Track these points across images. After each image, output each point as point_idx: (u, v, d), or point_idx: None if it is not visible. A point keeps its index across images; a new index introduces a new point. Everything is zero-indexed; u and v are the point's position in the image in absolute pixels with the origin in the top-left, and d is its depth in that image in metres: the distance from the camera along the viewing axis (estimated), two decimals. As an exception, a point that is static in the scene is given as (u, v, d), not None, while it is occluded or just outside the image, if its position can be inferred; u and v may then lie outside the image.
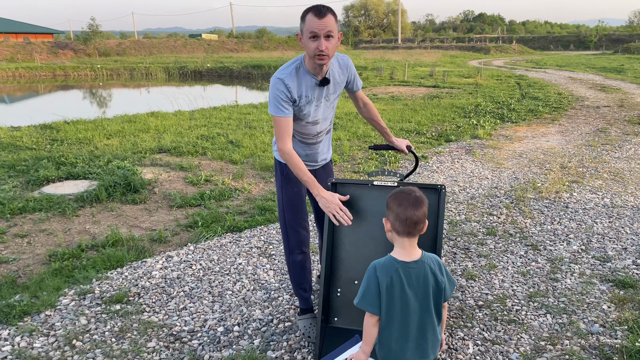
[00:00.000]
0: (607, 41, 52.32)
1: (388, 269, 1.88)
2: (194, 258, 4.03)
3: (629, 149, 7.70)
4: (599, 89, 16.18)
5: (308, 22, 2.40)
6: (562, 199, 5.38)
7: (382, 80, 19.64)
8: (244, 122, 10.40)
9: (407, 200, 1.90)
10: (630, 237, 4.32)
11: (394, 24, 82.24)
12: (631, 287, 3.42)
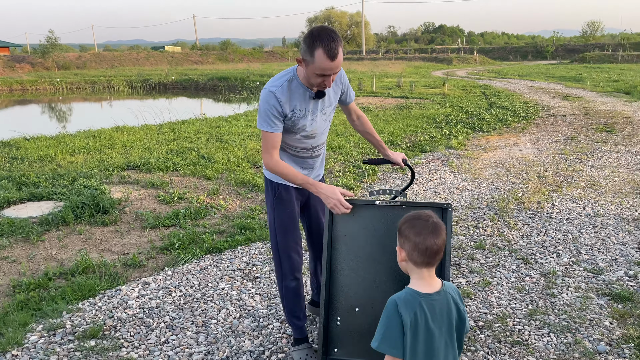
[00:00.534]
0: (563, 51, 54.18)
1: (411, 304, 1.68)
2: (173, 284, 3.77)
3: (600, 156, 7.81)
4: (561, 97, 16.59)
5: (318, 61, 2.21)
6: (544, 209, 5.36)
7: (350, 91, 19.64)
8: (214, 136, 10.13)
9: (426, 228, 1.71)
10: (618, 247, 4.30)
11: (357, 35, 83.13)
12: (629, 301, 3.36)
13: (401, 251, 1.77)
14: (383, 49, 65.46)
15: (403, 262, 1.78)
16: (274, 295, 3.59)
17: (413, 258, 1.73)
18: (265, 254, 4.32)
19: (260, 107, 2.40)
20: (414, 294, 1.71)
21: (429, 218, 1.73)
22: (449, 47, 60.04)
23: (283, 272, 2.75)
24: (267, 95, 2.38)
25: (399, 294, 1.73)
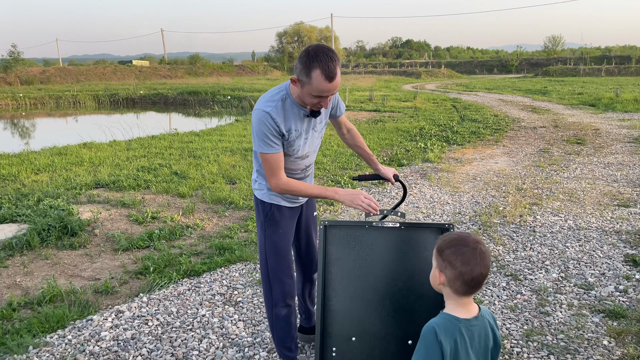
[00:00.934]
0: (527, 65, 55.71)
1: (451, 331, 1.56)
2: (149, 312, 3.53)
3: (574, 168, 7.89)
4: (530, 110, 16.90)
5: (316, 82, 2.06)
6: (527, 222, 5.32)
7: (323, 105, 19.62)
8: (187, 151, 9.86)
9: (474, 257, 1.56)
10: (605, 261, 4.26)
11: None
12: (623, 318, 3.29)
13: (440, 275, 1.63)
14: (353, 63, 66.01)
15: (438, 285, 1.66)
16: (259, 321, 3.39)
17: (455, 286, 1.60)
18: (246, 276, 4.11)
19: (257, 129, 2.23)
20: (452, 319, 1.59)
21: (477, 245, 1.59)
22: (417, 62, 60.99)
23: (274, 299, 2.58)
24: (263, 116, 2.22)
25: (436, 320, 1.60)
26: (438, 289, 1.68)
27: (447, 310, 1.63)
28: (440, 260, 1.64)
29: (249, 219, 5.58)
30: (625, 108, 16.10)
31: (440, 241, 1.69)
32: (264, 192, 2.48)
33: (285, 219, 2.51)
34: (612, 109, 16.29)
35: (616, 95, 19.27)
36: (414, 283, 2.39)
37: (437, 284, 1.67)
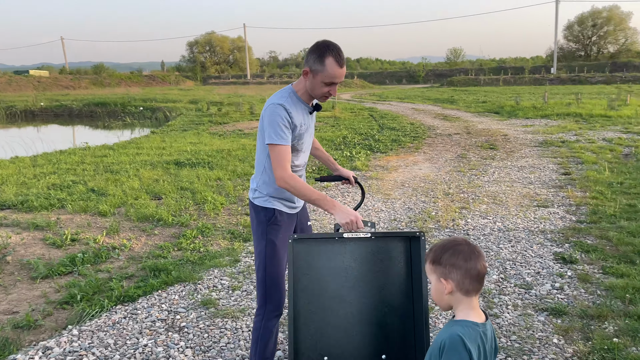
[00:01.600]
0: (433, 75, 58.71)
1: (474, 337, 1.55)
2: (82, 346, 3.17)
3: (492, 172, 8.31)
4: (442, 118, 17.73)
5: (329, 69, 2.29)
6: (460, 226, 5.48)
7: (243, 115, 19.33)
8: (102, 166, 9.23)
9: (472, 253, 1.60)
10: (537, 260, 4.47)
11: (240, 60, 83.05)
12: (565, 314, 3.45)
13: (447, 283, 1.60)
14: (267, 74, 65.98)
15: (447, 295, 1.62)
16: (208, 347, 3.17)
17: (465, 286, 1.59)
18: (187, 298, 3.85)
19: (270, 120, 2.33)
20: (473, 325, 1.58)
21: (467, 242, 1.64)
22: (330, 72, 62.21)
23: (267, 307, 2.50)
24: (277, 108, 2.34)
25: (457, 329, 1.55)
26: (446, 302, 1.64)
27: (462, 317, 1.60)
28: (440, 269, 1.63)
29: (181, 236, 5.27)
30: (526, 115, 17.35)
31: (432, 253, 1.66)
32: (265, 199, 2.50)
33: (285, 224, 2.52)
34: (514, 116, 17.49)
35: (517, 103, 20.73)
36: (385, 294, 2.35)
37: (444, 295, 1.63)
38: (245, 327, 3.40)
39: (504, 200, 6.55)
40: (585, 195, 6.62)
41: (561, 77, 45.21)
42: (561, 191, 6.94)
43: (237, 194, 7.10)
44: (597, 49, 70.33)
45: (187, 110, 22.88)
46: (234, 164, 9.18)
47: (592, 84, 40.97)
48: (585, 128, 13.44)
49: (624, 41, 68.50)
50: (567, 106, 18.78)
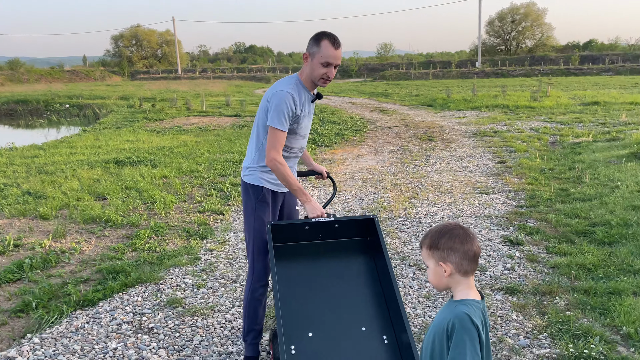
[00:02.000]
0: (365, 70, 59.69)
1: (477, 314, 1.65)
2: (46, 354, 3.04)
3: (434, 163, 8.65)
4: (379, 111, 18.14)
5: (324, 49, 2.53)
6: (412, 215, 5.69)
7: (179, 111, 18.82)
8: (34, 167, 8.72)
9: (467, 235, 1.70)
10: (487, 244, 4.74)
11: (169, 54, 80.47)
12: (519, 292, 3.69)
13: (446, 266, 1.69)
14: (199, 68, 64.41)
15: (447, 278, 1.71)
16: (182, 346, 3.13)
17: (463, 268, 1.69)
18: (151, 299, 3.77)
19: (277, 106, 2.53)
20: (474, 303, 1.68)
21: (460, 226, 1.74)
22: (264, 67, 61.73)
23: (254, 276, 2.75)
24: (286, 96, 2.54)
25: (462, 308, 1.65)
26: (445, 284, 1.73)
27: (462, 297, 1.69)
28: (438, 253, 1.71)
29: (134, 236, 5.12)
30: (458, 107, 18.11)
31: (428, 239, 1.75)
32: (255, 176, 2.70)
33: (273, 202, 2.76)
34: (447, 108, 18.20)
35: (448, 96, 21.58)
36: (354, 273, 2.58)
37: (443, 279, 1.71)
38: (217, 324, 3.38)
39: (449, 188, 6.85)
40: (522, 182, 7.05)
41: (485, 70, 47.42)
42: (499, 178, 7.34)
43: (186, 191, 6.96)
44: (517, 43, 74.21)
45: (117, 107, 21.96)
46: (178, 161, 8.97)
47: (514, 77, 43.29)
48: (513, 119, 14.23)
49: (541, 36, 72.73)
50: (495, 98, 19.76)
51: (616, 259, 4.12)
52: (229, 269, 4.34)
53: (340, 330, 2.42)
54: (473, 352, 1.60)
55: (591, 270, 3.97)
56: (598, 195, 6.00)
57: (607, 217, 5.14)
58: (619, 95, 19.65)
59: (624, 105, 16.30)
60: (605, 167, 7.38)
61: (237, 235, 5.20)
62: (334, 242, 2.64)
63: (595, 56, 51.77)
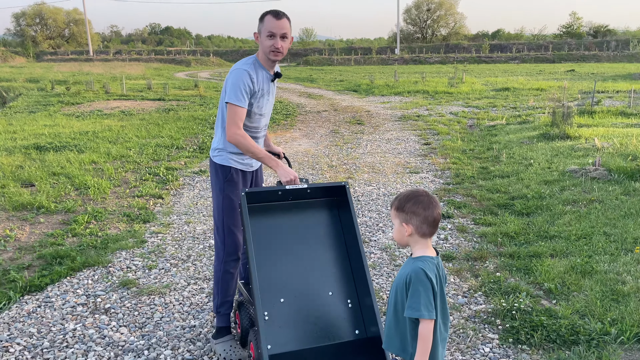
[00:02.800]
0: (289, 55, 59.59)
1: (431, 269, 1.88)
2: (1, 338, 2.97)
3: (365, 145, 9.02)
4: (307, 96, 18.37)
5: (266, 22, 2.63)
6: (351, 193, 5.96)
7: (96, 94, 17.94)
8: (-57, 154, 8.07)
9: (430, 202, 1.91)
10: (422, 218, 5.11)
11: (78, 34, 75.81)
12: (454, 259, 4.07)
13: (408, 226, 1.91)
14: (113, 50, 61.13)
15: (407, 237, 1.93)
16: (143, 323, 3.18)
17: (422, 230, 1.91)
18: (102, 282, 3.75)
19: (233, 83, 2.61)
20: (429, 259, 1.90)
21: (426, 193, 1.94)
22: (184, 50, 59.73)
23: (226, 251, 2.82)
24: (242, 73, 2.62)
25: (418, 264, 1.87)
26: (405, 242, 1.96)
27: (419, 254, 1.93)
28: (403, 215, 1.94)
29: (73, 222, 4.99)
30: (382, 92, 18.74)
31: (397, 201, 1.98)
32: (224, 157, 2.78)
33: (241, 181, 2.83)
34: (371, 93, 18.78)
35: (371, 82, 22.23)
36: (323, 240, 2.74)
37: (405, 237, 1.94)
38: (175, 301, 3.46)
39: (382, 169, 7.22)
40: (447, 161, 7.57)
41: (404, 57, 49.09)
42: (426, 159, 7.83)
43: (120, 176, 6.80)
44: (432, 32, 77.24)
45: (27, 90, 20.51)
46: (105, 146, 8.67)
47: (431, 64, 45.19)
48: (434, 103, 15.00)
49: (454, 25, 76.23)
50: (415, 84, 20.64)
51: (534, 227, 4.63)
52: (177, 250, 4.38)
53: (310, 295, 2.60)
54: (426, 300, 1.85)
55: (513, 238, 4.44)
56: (514, 172, 6.61)
57: (524, 191, 5.71)
58: (526, 81, 21.22)
59: (531, 91, 17.68)
60: (519, 147, 8.09)
61: (181, 218, 5.22)
62: (303, 203, 2.75)
63: (503, 45, 55.15)
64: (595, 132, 8.71)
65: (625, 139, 7.74)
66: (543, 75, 26.25)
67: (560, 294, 3.37)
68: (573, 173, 6.17)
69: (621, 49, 46.74)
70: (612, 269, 3.65)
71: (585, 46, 50.41)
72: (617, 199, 5.14)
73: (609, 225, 4.49)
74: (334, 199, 2.85)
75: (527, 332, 2.93)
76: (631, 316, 2.99)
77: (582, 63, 40.38)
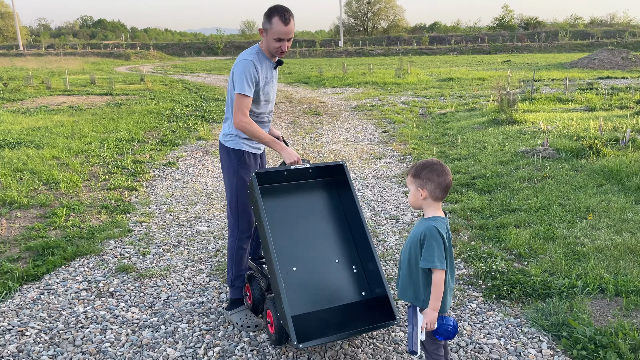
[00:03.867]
0: (231, 47, 58.94)
1: (442, 227, 2.15)
2: (12, 324, 3.04)
3: (327, 134, 9.29)
4: (258, 88, 18.39)
5: (275, 26, 2.75)
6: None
7: (37, 90, 17.21)
8: None
9: (443, 170, 2.18)
10: (393, 198, 5.46)
11: (4, 28, 71.55)
12: (431, 232, 4.42)
13: (423, 191, 2.19)
14: (45, 44, 58.13)
15: (422, 200, 2.20)
16: (151, 303, 3.31)
17: (435, 194, 2.18)
18: (99, 269, 3.83)
19: (239, 73, 2.78)
20: (440, 219, 2.18)
21: (439, 162, 2.21)
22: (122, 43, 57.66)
23: (240, 229, 3.00)
24: (248, 64, 2.79)
25: (431, 222, 2.16)
26: (419, 205, 2.24)
27: (431, 215, 2.21)
28: (419, 181, 2.22)
29: (52, 214, 4.97)
30: (332, 84, 19.07)
31: (413, 169, 2.25)
32: (236, 141, 2.97)
33: (252, 163, 3.04)
34: (322, 85, 19.07)
35: (320, 74, 22.52)
36: (326, 215, 3.02)
37: (419, 200, 2.22)
38: (177, 282, 3.60)
39: (347, 156, 7.52)
40: (407, 147, 7.97)
41: (348, 50, 49.72)
42: (387, 145, 8.20)
43: (86, 170, 6.74)
44: (373, 24, 78.49)
45: (-42, 86, 19.35)
46: (63, 141, 8.49)
47: (374, 56, 46.05)
48: (385, 94, 15.49)
49: (394, 17, 77.81)
50: (363, 75, 21.12)
51: (496, 202, 5.06)
52: (166, 236, 4.49)
53: (318, 263, 2.86)
54: (439, 253, 2.15)
55: (480, 212, 4.85)
56: (471, 155, 7.09)
57: (483, 171, 6.17)
58: (468, 72, 22.20)
59: (474, 80, 18.55)
60: (471, 132, 8.62)
61: (161, 208, 5.30)
62: (306, 183, 3.03)
63: (442, 37, 56.94)
64: (539, 116, 9.40)
65: (567, 122, 8.44)
66: (482, 66, 27.48)
67: (529, 257, 3.79)
68: (525, 153, 6.71)
69: (551, 40, 49.49)
70: (571, 234, 4.11)
71: (518, 38, 52.94)
72: (566, 174, 5.68)
73: (562, 197, 4.99)
74: (333, 179, 3.11)
75: (507, 288, 3.31)
76: (593, 271, 3.43)
77: (516, 54, 42.43)
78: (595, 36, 49.87)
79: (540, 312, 3.03)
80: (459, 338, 2.87)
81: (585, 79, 17.78)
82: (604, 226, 4.21)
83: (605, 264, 3.54)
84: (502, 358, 2.69)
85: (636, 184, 5.09)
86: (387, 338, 2.87)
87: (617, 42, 43.53)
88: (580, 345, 2.67)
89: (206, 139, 8.89)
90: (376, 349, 2.79)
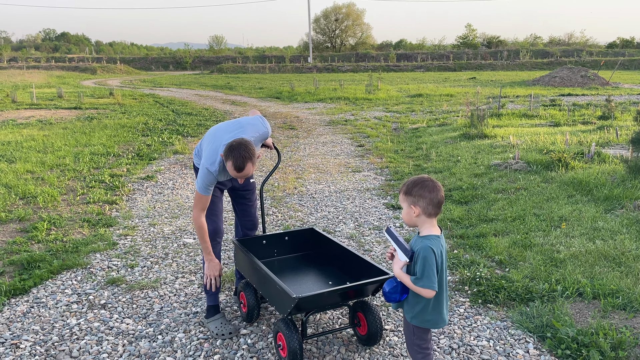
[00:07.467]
0: (200, 62, 58.75)
1: (437, 245, 2.16)
2: (4, 337, 2.99)
3: (304, 148, 9.41)
4: (230, 103, 18.43)
5: (229, 169, 2.78)
6: (304, 192, 6.32)
7: (4, 104, 16.78)
8: None
9: (435, 186, 2.19)
10: (375, 210, 5.59)
11: (-37, 39, 69.37)
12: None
13: (416, 208, 2.20)
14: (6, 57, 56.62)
15: (415, 217, 2.21)
16: (144, 314, 3.32)
17: (428, 211, 2.19)
18: (88, 281, 3.81)
19: (202, 179, 2.93)
20: (435, 237, 2.20)
21: (430, 179, 2.23)
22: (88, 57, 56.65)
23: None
24: (208, 175, 2.92)
25: (427, 241, 2.17)
26: (413, 222, 2.26)
27: (426, 233, 2.23)
28: (411, 198, 2.23)
29: (33, 229, 4.90)
30: (305, 99, 19.27)
31: (405, 186, 2.29)
32: None
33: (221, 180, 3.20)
34: (294, 100, 19.23)
35: (292, 89, 22.71)
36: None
37: (413, 218, 2.24)
38: (169, 293, 3.62)
39: (326, 169, 7.65)
40: (383, 161, 8.16)
41: (317, 66, 50.24)
42: (364, 159, 8.37)
43: (63, 184, 6.64)
44: (341, 41, 79.60)
45: None
46: (36, 155, 8.34)
47: (343, 72, 46.67)
48: (357, 109, 15.75)
49: (361, 35, 79.15)
50: (335, 91, 21.40)
51: (474, 213, 5.26)
52: (153, 249, 4.49)
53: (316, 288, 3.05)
54: (430, 271, 2.16)
55: (459, 222, 5.03)
56: (446, 168, 7.31)
57: (458, 183, 6.38)
58: (436, 88, 22.79)
59: (442, 97, 19.05)
60: (444, 146, 8.89)
61: (144, 221, 5.29)
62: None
63: (408, 54, 58.19)
64: (508, 131, 9.76)
65: (534, 137, 8.80)
66: (449, 83, 28.23)
67: (509, 263, 3.96)
68: (497, 166, 6.98)
69: (513, 58, 51.23)
70: (547, 241, 4.32)
71: (481, 56, 54.61)
72: (538, 186, 5.94)
73: (536, 207, 5.23)
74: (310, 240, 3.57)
75: (492, 294, 3.46)
76: (570, 276, 3.62)
77: (480, 71, 43.74)
78: (555, 55, 51.97)
79: (525, 315, 3.18)
80: (450, 340, 2.99)
81: (547, 96, 18.52)
82: (578, 234, 4.44)
83: (581, 269, 3.74)
84: (492, 358, 2.82)
85: (604, 194, 5.38)
86: (383, 343, 2.97)
87: (576, 60, 45.49)
88: (564, 345, 2.83)
89: (183, 152, 8.87)
90: (372, 353, 2.88)
